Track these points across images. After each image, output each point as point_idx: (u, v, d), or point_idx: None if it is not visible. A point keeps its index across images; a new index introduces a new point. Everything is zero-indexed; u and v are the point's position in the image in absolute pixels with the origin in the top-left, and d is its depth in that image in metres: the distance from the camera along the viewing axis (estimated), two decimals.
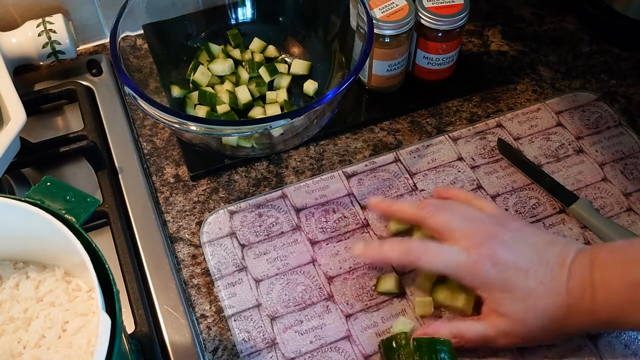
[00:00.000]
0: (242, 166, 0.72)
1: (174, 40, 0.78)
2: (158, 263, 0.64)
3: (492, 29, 0.86)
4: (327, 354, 0.58)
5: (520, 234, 0.57)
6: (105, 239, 0.65)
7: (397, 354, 0.55)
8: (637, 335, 0.59)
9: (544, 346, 0.58)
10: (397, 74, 0.75)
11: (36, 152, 0.70)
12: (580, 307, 0.52)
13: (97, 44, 0.84)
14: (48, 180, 0.48)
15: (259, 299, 0.62)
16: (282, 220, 0.67)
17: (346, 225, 0.67)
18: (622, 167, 0.71)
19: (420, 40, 0.74)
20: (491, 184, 0.70)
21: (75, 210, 0.47)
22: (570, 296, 0.52)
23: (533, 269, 0.54)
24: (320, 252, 0.65)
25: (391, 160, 0.72)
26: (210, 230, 0.66)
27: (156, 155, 0.73)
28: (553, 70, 0.81)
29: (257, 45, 0.79)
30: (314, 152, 0.73)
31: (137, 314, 0.59)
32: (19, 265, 0.50)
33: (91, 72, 0.79)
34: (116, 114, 0.75)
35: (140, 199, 0.68)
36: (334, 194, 0.69)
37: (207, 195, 0.69)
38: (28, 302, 0.47)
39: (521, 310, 0.54)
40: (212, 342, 0.60)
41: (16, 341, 0.45)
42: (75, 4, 0.80)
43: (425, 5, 0.71)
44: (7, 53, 0.73)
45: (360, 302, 0.61)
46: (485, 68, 0.82)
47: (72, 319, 0.46)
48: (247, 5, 0.80)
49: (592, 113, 0.76)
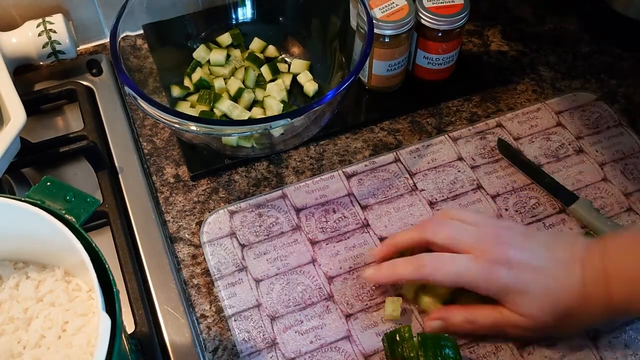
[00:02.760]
0: (242, 166, 0.72)
1: (174, 40, 0.78)
2: (158, 263, 0.64)
3: (492, 29, 0.86)
4: (327, 354, 0.58)
5: (526, 233, 0.57)
6: (105, 239, 0.65)
7: (400, 348, 0.55)
8: (637, 335, 0.59)
9: (544, 346, 0.58)
10: (397, 74, 0.75)
11: (36, 152, 0.70)
12: (596, 300, 0.53)
13: (97, 44, 0.84)
14: (48, 180, 0.48)
15: (259, 299, 0.62)
16: (282, 220, 0.67)
17: (346, 225, 0.67)
18: (622, 167, 0.71)
19: (420, 40, 0.74)
20: (491, 184, 0.70)
21: (75, 210, 0.47)
22: (586, 290, 0.53)
23: (547, 266, 0.54)
24: (320, 252, 0.65)
25: (391, 160, 0.72)
26: (210, 230, 0.66)
27: (156, 155, 0.73)
28: (553, 70, 0.81)
29: (257, 45, 0.79)
30: (314, 152, 0.73)
31: (137, 314, 0.59)
32: (19, 265, 0.49)
33: (91, 72, 0.79)
34: (116, 114, 0.75)
35: (140, 199, 0.68)
36: (334, 194, 0.69)
37: (207, 195, 0.69)
38: (28, 302, 0.47)
39: (538, 308, 0.54)
40: (212, 342, 0.60)
41: (16, 341, 0.45)
42: (75, 4, 0.80)
43: (425, 5, 0.71)
44: (7, 53, 0.73)
45: (360, 302, 0.61)
46: (485, 68, 0.82)
47: (72, 319, 0.46)
48: (247, 5, 0.80)
49: (592, 113, 0.76)
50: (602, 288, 0.52)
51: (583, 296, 0.53)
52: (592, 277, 0.53)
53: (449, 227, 0.58)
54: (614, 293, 0.52)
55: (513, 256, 0.55)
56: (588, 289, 0.53)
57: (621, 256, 0.53)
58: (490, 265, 0.55)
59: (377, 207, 0.68)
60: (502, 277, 0.54)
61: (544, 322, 0.55)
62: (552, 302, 0.54)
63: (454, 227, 0.58)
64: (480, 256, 0.55)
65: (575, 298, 0.53)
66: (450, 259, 0.56)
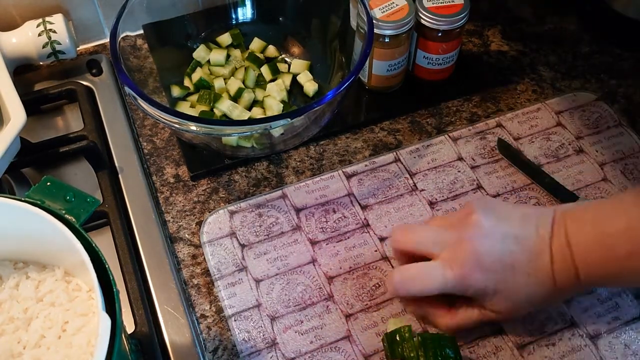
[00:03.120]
0: (242, 166, 0.72)
1: (174, 40, 0.78)
2: (158, 263, 0.64)
3: (492, 29, 0.86)
4: (327, 354, 0.58)
5: (494, 224, 0.56)
6: (105, 239, 0.65)
7: (400, 348, 0.55)
8: (637, 335, 0.59)
9: (544, 346, 0.58)
10: (397, 74, 0.75)
11: (36, 152, 0.70)
12: (568, 286, 0.54)
13: (97, 44, 0.84)
14: (48, 180, 0.48)
15: (259, 299, 0.62)
16: (282, 220, 0.67)
17: (346, 225, 0.67)
18: (622, 167, 0.71)
19: (420, 40, 0.74)
20: (491, 184, 0.70)
21: (75, 210, 0.47)
22: (557, 280, 0.54)
23: (518, 260, 0.54)
24: (320, 252, 0.65)
25: (391, 160, 0.72)
26: (210, 230, 0.66)
27: (156, 155, 0.73)
28: (553, 70, 0.81)
29: (257, 45, 0.79)
30: (314, 152, 0.73)
31: (137, 314, 0.59)
32: (19, 265, 0.49)
33: (91, 72, 0.79)
34: (116, 114, 0.75)
35: (140, 199, 0.68)
36: (334, 194, 0.69)
37: (207, 195, 0.69)
38: (28, 302, 0.47)
39: (513, 305, 0.55)
40: (212, 342, 0.60)
41: (16, 341, 0.45)
42: (75, 4, 0.80)
43: (425, 5, 0.71)
44: (7, 53, 0.73)
45: (360, 302, 0.61)
46: (485, 68, 0.82)
47: (72, 319, 0.46)
48: (247, 5, 0.80)
49: (592, 113, 0.76)
50: (572, 277, 0.53)
51: (555, 287, 0.54)
52: (562, 269, 0.53)
53: (413, 232, 0.58)
54: (583, 280, 0.53)
55: (484, 257, 0.54)
56: (558, 277, 0.54)
57: (587, 246, 0.53)
58: (463, 271, 0.54)
59: (377, 207, 0.68)
60: (476, 280, 0.54)
61: (520, 314, 0.58)
62: (526, 297, 0.55)
63: (418, 232, 0.58)
64: (450, 261, 0.55)
65: (547, 289, 0.54)
66: (418, 270, 0.56)
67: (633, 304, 0.61)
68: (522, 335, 0.59)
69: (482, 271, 0.54)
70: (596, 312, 0.60)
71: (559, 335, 0.59)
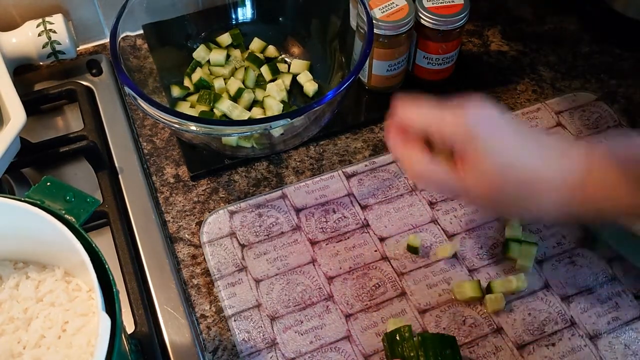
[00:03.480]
0: (242, 166, 0.72)
1: (174, 40, 0.78)
2: (158, 263, 0.64)
3: (492, 29, 0.86)
4: (327, 354, 0.58)
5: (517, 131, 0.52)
6: (105, 239, 0.65)
7: (400, 347, 0.55)
8: (637, 335, 0.59)
9: (544, 346, 0.58)
10: (397, 74, 0.75)
11: (36, 152, 0.70)
12: (562, 182, 0.50)
13: (97, 44, 0.84)
14: (48, 180, 0.48)
15: (259, 299, 0.62)
16: (282, 221, 0.67)
17: (346, 225, 0.67)
18: None
19: (420, 40, 0.74)
20: None
21: (75, 210, 0.47)
22: (564, 163, 0.51)
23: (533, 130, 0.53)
24: (320, 252, 0.65)
25: (391, 160, 0.72)
26: (210, 230, 0.66)
27: (156, 155, 0.73)
28: (553, 70, 0.81)
29: (257, 45, 0.79)
30: (314, 152, 0.73)
31: (137, 314, 0.59)
32: (19, 265, 0.50)
33: (91, 72, 0.79)
34: (116, 114, 0.75)
35: (140, 199, 0.68)
36: (334, 194, 0.69)
37: (207, 195, 0.70)
38: (28, 302, 0.47)
39: (489, 177, 0.51)
40: (212, 342, 0.60)
41: (16, 341, 0.45)
42: (75, 4, 0.80)
43: (425, 5, 0.71)
44: (7, 53, 0.73)
45: (360, 302, 0.62)
46: (485, 68, 0.82)
47: (72, 319, 0.46)
48: (247, 5, 0.80)
49: (592, 113, 0.76)
50: (577, 176, 0.50)
51: (550, 171, 0.50)
52: (569, 164, 0.50)
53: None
54: (589, 186, 0.50)
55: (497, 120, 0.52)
56: (568, 164, 0.51)
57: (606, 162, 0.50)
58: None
59: (377, 207, 0.68)
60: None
61: (483, 196, 0.52)
62: (509, 162, 0.50)
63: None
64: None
65: (539, 166, 0.50)
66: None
67: (633, 304, 0.61)
68: (522, 335, 0.59)
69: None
70: (596, 312, 0.60)
71: (559, 335, 0.59)
